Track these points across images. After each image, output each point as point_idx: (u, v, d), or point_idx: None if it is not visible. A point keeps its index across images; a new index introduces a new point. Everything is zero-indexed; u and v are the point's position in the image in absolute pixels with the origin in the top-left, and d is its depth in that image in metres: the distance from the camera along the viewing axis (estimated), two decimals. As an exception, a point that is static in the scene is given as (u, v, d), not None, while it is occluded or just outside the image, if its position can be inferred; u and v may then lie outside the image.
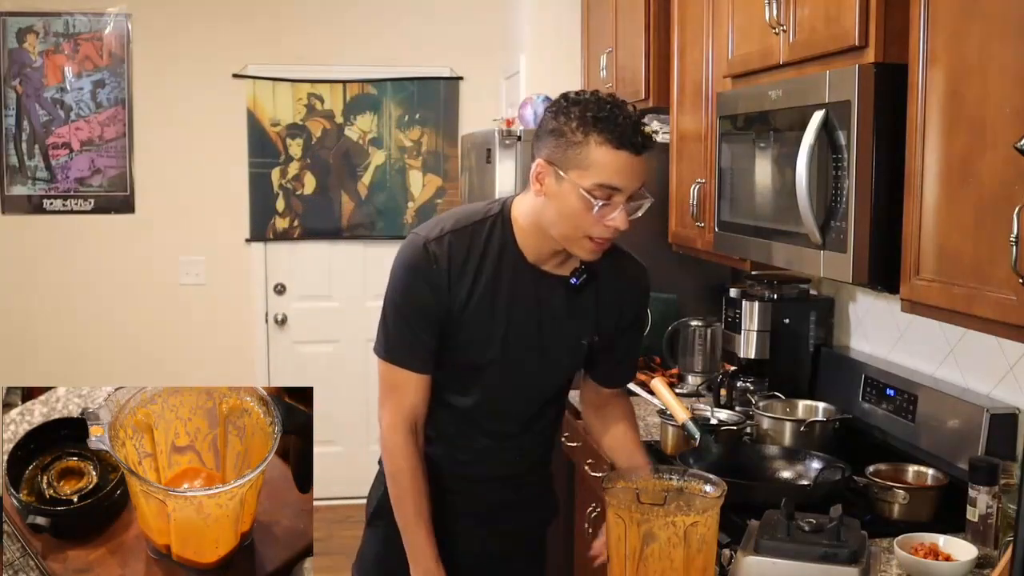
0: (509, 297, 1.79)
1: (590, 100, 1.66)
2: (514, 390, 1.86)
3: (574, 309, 1.84)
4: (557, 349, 1.85)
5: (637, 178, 1.66)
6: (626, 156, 1.62)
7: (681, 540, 1.49)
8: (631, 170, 1.64)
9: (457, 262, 1.76)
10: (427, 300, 1.76)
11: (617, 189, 1.64)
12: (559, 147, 1.66)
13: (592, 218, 1.66)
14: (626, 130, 1.62)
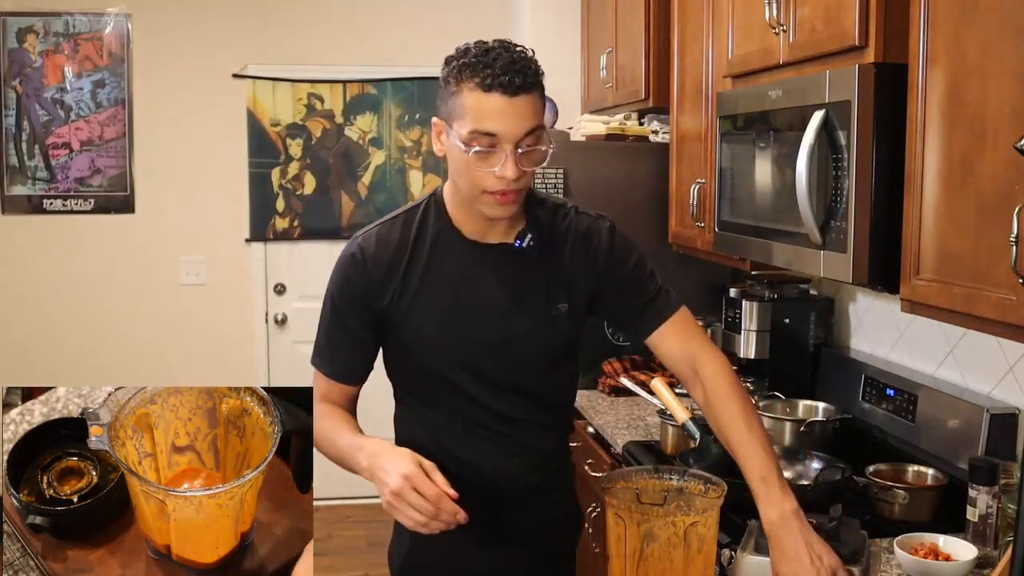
0: (456, 278, 1.71)
1: (469, 47, 1.59)
2: (492, 374, 1.73)
3: (534, 276, 1.73)
4: (526, 320, 1.73)
5: (516, 122, 1.54)
6: (497, 99, 1.53)
7: (681, 540, 1.49)
8: (505, 114, 1.53)
9: (386, 253, 1.71)
10: (356, 301, 1.74)
11: (492, 135, 1.54)
12: (444, 101, 1.61)
13: (479, 170, 1.57)
14: (496, 71, 1.52)
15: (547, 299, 1.74)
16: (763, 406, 2.55)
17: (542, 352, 1.77)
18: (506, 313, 1.72)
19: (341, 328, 1.79)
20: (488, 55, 1.55)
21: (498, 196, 1.60)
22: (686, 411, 2.18)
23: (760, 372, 2.83)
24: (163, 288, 4.69)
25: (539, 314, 1.74)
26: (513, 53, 1.57)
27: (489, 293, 1.72)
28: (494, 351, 1.73)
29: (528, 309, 1.74)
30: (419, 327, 1.72)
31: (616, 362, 3.23)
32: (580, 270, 1.77)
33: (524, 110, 1.55)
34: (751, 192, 2.40)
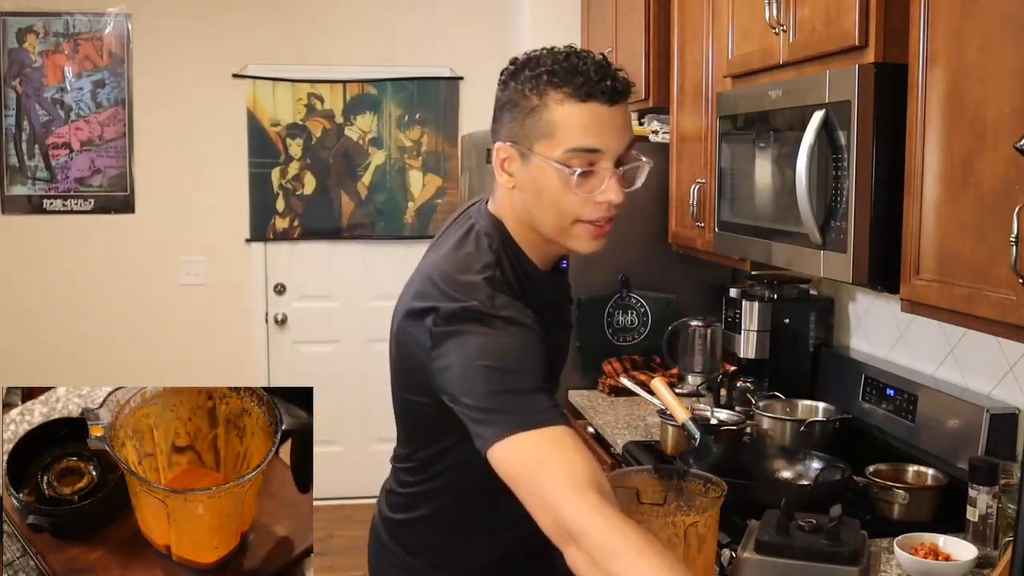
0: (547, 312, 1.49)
1: (541, 55, 1.36)
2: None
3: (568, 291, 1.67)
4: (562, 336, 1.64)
5: (618, 134, 1.34)
6: (596, 108, 1.32)
7: (681, 540, 1.49)
8: (607, 125, 1.33)
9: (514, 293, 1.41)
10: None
11: (596, 151, 1.33)
12: (516, 120, 1.36)
13: (576, 196, 1.34)
14: (590, 77, 1.32)
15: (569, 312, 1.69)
16: (763, 406, 2.55)
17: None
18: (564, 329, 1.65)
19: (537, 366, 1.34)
20: (571, 60, 1.34)
21: (594, 227, 1.38)
22: (686, 411, 2.18)
23: (760, 372, 2.83)
24: (163, 288, 4.69)
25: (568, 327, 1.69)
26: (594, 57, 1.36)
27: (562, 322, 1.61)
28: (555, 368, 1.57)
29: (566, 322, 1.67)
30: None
31: (616, 362, 3.23)
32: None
33: (624, 121, 1.36)
34: (751, 192, 2.40)
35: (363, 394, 4.82)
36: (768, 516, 1.74)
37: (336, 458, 4.71)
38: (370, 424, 4.86)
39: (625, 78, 1.37)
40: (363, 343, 4.87)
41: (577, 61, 1.34)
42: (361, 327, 4.86)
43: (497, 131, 1.42)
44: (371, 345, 4.85)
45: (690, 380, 3.14)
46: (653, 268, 3.34)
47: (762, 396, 2.69)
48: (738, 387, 2.81)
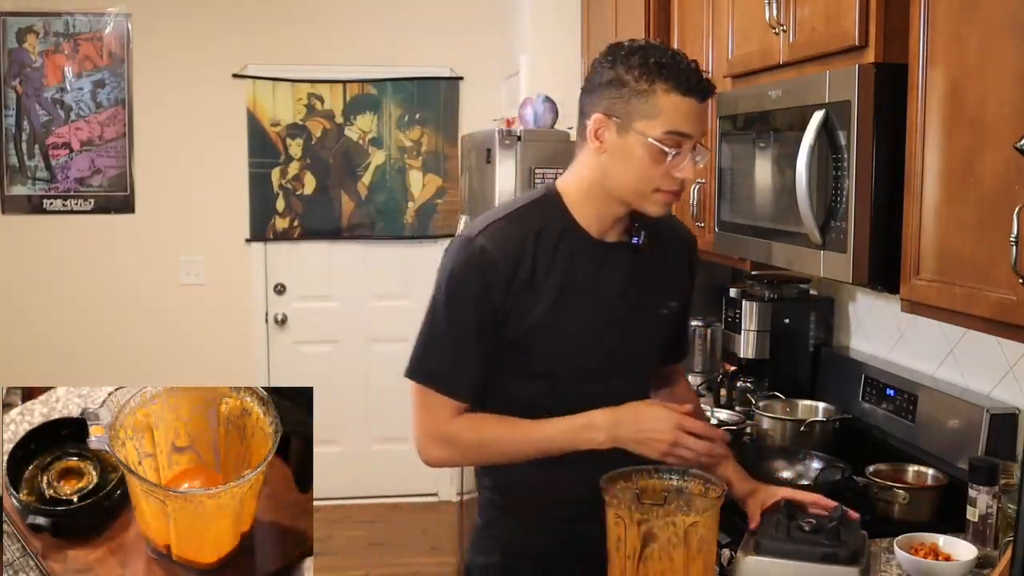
0: (583, 278, 1.67)
1: (649, 47, 1.61)
2: (605, 372, 1.71)
3: (645, 276, 1.74)
4: (644, 323, 1.75)
5: (703, 125, 1.63)
6: (692, 103, 1.59)
7: (681, 540, 1.49)
8: (697, 116, 1.61)
9: (512, 250, 1.62)
10: (484, 303, 1.62)
11: (687, 136, 1.59)
12: (620, 98, 1.59)
13: (661, 169, 1.60)
14: (691, 76, 1.59)
15: (659, 297, 1.78)
16: (763, 406, 2.55)
17: (651, 351, 1.83)
18: (629, 311, 1.73)
19: (463, 337, 1.65)
20: (675, 58, 1.60)
21: (669, 194, 1.64)
22: (686, 411, 2.17)
23: (760, 372, 2.83)
24: (163, 288, 4.69)
25: (653, 313, 1.77)
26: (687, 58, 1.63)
27: (614, 291, 1.71)
28: (613, 349, 1.73)
29: (646, 308, 1.76)
30: (544, 325, 1.65)
31: (616, 362, 3.23)
32: (681, 272, 1.84)
33: (707, 116, 1.65)
34: (751, 192, 2.40)
35: (363, 394, 4.82)
36: (768, 516, 1.74)
37: (336, 458, 4.71)
38: (370, 424, 4.86)
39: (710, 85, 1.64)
40: (363, 343, 4.87)
41: (680, 59, 1.60)
42: (361, 327, 4.86)
43: (594, 103, 1.63)
44: (371, 345, 4.85)
45: (690, 380, 3.14)
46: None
47: (762, 396, 2.69)
48: (738, 387, 2.81)
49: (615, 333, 1.72)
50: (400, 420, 4.88)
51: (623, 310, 1.72)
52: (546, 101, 3.50)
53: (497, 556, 1.78)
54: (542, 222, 1.67)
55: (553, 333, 1.66)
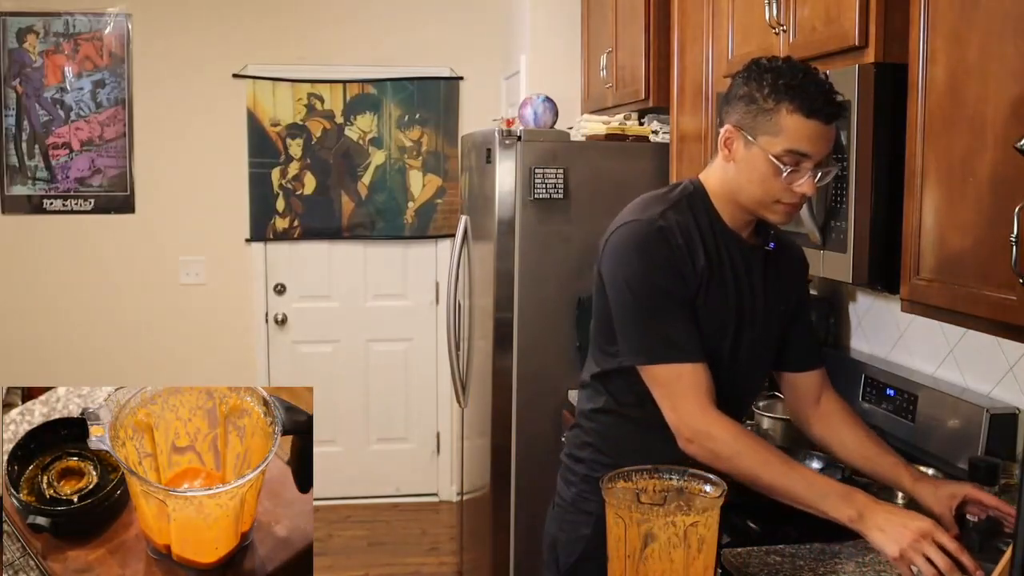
0: (733, 269, 1.77)
1: (783, 67, 1.67)
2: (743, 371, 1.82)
3: (774, 278, 1.84)
4: (770, 320, 1.84)
5: (825, 146, 1.67)
6: (816, 125, 1.63)
7: (681, 540, 1.49)
8: (820, 138, 1.65)
9: (686, 237, 1.72)
10: (677, 282, 1.70)
11: (806, 155, 1.65)
12: (749, 113, 1.67)
13: (781, 183, 1.67)
14: (817, 99, 1.63)
15: (778, 299, 1.86)
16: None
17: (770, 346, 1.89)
18: (764, 312, 1.82)
19: (675, 306, 1.71)
20: (807, 79, 1.64)
21: (790, 206, 1.71)
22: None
23: (760, 372, 2.83)
24: (163, 288, 4.70)
25: (778, 315, 1.87)
26: (822, 80, 1.66)
27: (757, 291, 1.82)
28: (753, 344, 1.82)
29: (775, 310, 1.85)
30: (711, 314, 1.75)
31: (616, 362, 3.23)
32: (794, 281, 1.92)
33: (831, 136, 1.68)
34: (751, 192, 2.40)
35: (363, 394, 4.82)
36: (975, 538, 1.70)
37: (336, 458, 4.71)
38: (370, 424, 4.86)
39: (840, 102, 1.66)
40: (363, 343, 4.87)
41: (809, 81, 1.64)
42: (361, 327, 4.86)
43: (728, 114, 1.72)
44: (371, 345, 4.85)
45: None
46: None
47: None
48: (738, 387, 2.80)
49: (752, 327, 1.81)
50: (400, 420, 4.89)
51: (754, 307, 1.81)
52: (546, 101, 3.50)
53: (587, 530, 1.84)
54: (697, 214, 1.76)
55: (710, 317, 1.75)
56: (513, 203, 3.25)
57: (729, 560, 1.86)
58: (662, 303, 1.70)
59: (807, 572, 1.80)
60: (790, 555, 1.87)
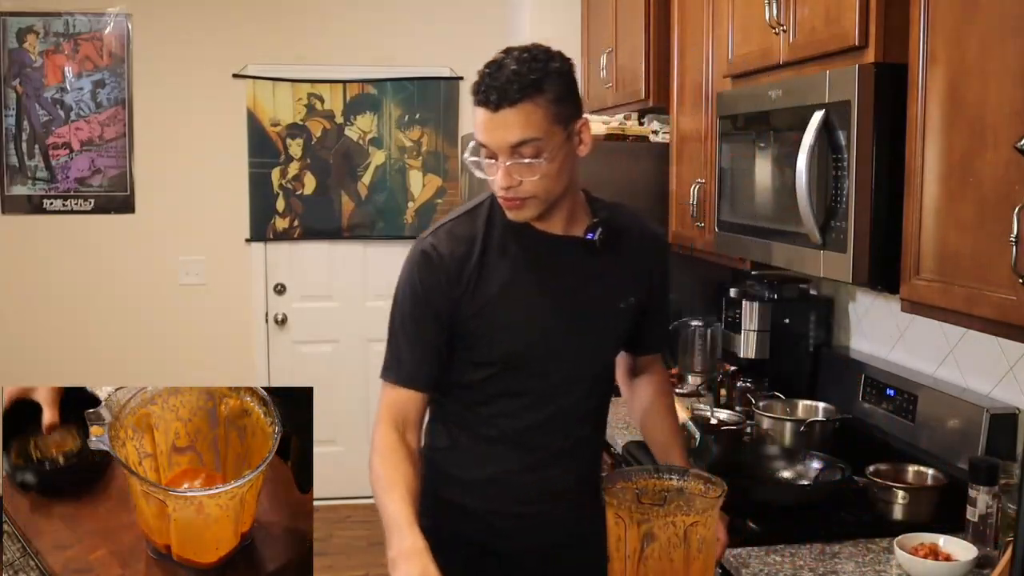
0: (532, 267, 1.73)
1: (492, 61, 1.63)
2: (555, 362, 1.76)
3: (601, 270, 1.78)
4: (594, 313, 1.78)
5: (499, 137, 1.60)
6: (482, 113, 1.60)
7: (681, 540, 1.49)
8: (489, 128, 1.60)
9: (458, 251, 1.71)
10: (438, 299, 1.70)
11: (484, 145, 1.63)
12: None
13: (487, 177, 1.66)
14: (483, 87, 1.60)
15: (616, 292, 1.80)
16: (763, 406, 2.55)
17: (605, 344, 1.84)
18: (580, 304, 1.76)
19: (418, 332, 1.73)
20: (491, 68, 1.61)
21: (504, 201, 1.67)
22: (686, 411, 2.18)
23: (760, 372, 2.83)
24: (163, 288, 4.69)
25: (609, 306, 1.80)
26: (511, 66, 1.59)
27: (565, 282, 1.76)
28: (564, 339, 1.76)
29: (600, 301, 1.78)
30: (487, 316, 1.72)
31: (616, 362, 3.23)
32: (644, 269, 1.85)
33: (508, 124, 1.59)
34: (751, 192, 2.40)
35: (363, 394, 4.81)
36: None
37: (336, 458, 4.71)
38: (370, 424, 4.83)
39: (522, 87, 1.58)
40: (363, 343, 4.87)
41: (491, 70, 1.60)
42: (361, 327, 4.86)
43: None
44: (371, 345, 4.84)
45: (690, 380, 3.14)
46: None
47: (762, 396, 2.69)
48: (738, 387, 2.81)
49: (562, 326, 1.75)
50: (400, 420, 4.88)
51: (573, 303, 1.76)
52: (546, 101, 3.49)
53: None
54: (488, 218, 1.74)
55: (495, 324, 1.72)
56: (513, 203, 3.24)
57: (729, 560, 1.86)
58: (403, 325, 1.73)
59: (807, 572, 1.80)
60: (790, 555, 1.87)
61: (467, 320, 1.72)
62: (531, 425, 1.77)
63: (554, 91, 1.61)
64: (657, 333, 1.97)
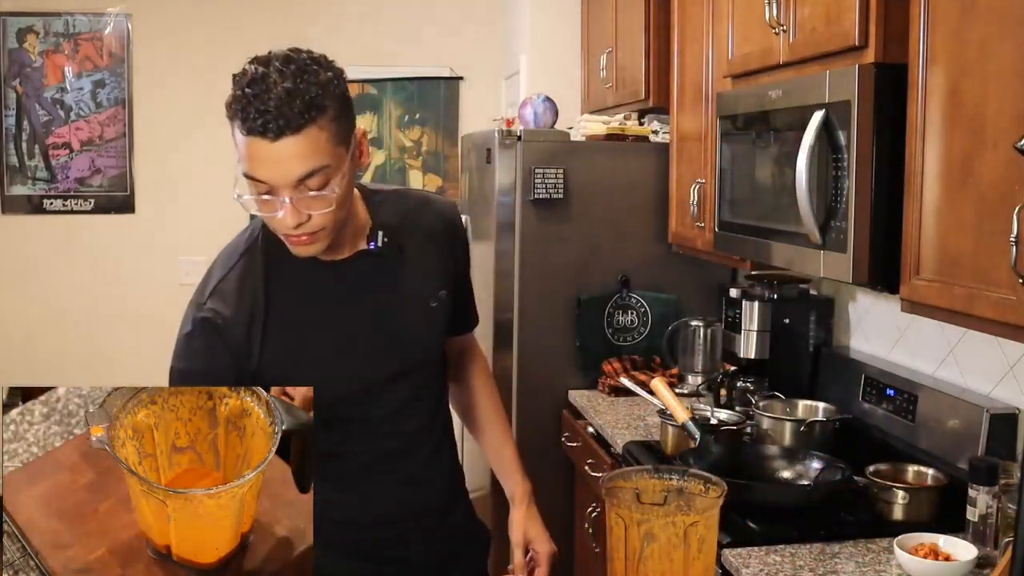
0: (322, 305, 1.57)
1: (246, 71, 1.40)
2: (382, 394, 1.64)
3: (399, 275, 1.62)
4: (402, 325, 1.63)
5: (280, 169, 1.35)
6: (256, 144, 1.35)
7: (681, 540, 1.49)
8: (267, 160, 1.35)
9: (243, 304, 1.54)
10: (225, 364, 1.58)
11: (262, 182, 1.38)
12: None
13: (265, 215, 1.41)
14: (255, 112, 1.34)
15: (424, 291, 1.66)
16: (763, 406, 2.55)
17: (427, 347, 1.70)
18: (387, 317, 1.62)
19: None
20: (255, 86, 1.36)
21: (291, 239, 1.45)
22: (686, 411, 2.18)
23: (760, 372, 2.83)
24: (163, 288, 4.69)
25: (419, 309, 1.65)
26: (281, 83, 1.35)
27: (361, 305, 1.61)
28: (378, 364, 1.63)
29: (407, 307, 1.64)
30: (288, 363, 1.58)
31: (616, 362, 3.24)
32: (447, 254, 1.71)
33: (294, 152, 1.35)
34: (751, 192, 2.40)
35: (363, 394, 4.81)
36: None
37: (336, 458, 4.71)
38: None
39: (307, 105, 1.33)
40: (363, 343, 4.86)
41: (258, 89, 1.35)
42: (361, 327, 4.85)
43: None
44: (371, 345, 4.84)
45: (690, 380, 3.14)
46: (653, 268, 3.34)
47: (762, 396, 2.69)
48: (738, 387, 2.81)
49: (375, 349, 1.61)
50: (400, 420, 4.88)
51: (376, 322, 1.61)
52: (546, 101, 3.50)
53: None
54: (268, 258, 1.55)
55: (299, 368, 1.57)
56: (513, 203, 3.25)
57: (729, 560, 1.86)
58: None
59: (807, 572, 1.80)
60: (790, 555, 1.87)
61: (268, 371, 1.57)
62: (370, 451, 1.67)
63: (334, 108, 1.37)
64: (467, 313, 1.83)
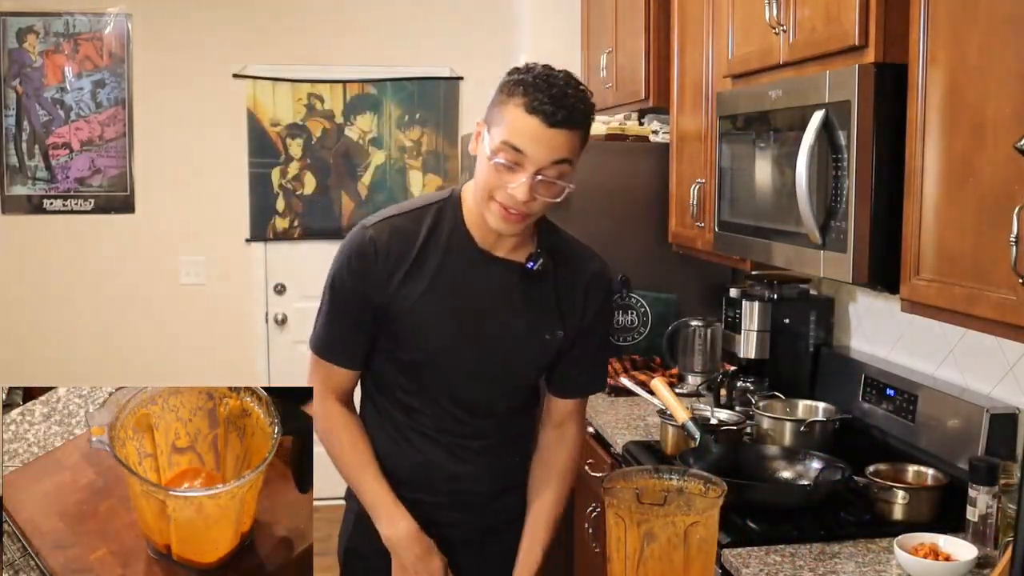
0: (457, 283, 1.73)
1: (533, 69, 1.64)
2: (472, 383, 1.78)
3: (533, 299, 1.77)
4: (516, 340, 1.78)
5: (545, 151, 1.60)
6: (536, 123, 1.58)
7: (681, 540, 1.49)
8: (538, 139, 1.59)
9: (396, 248, 1.73)
10: (360, 290, 1.74)
11: (520, 152, 1.60)
12: (492, 105, 1.67)
13: (496, 179, 1.63)
14: (545, 99, 1.58)
15: (545, 323, 1.79)
16: (763, 406, 2.55)
17: (526, 376, 1.85)
18: (503, 327, 1.76)
19: (343, 312, 1.78)
20: (547, 81, 1.60)
21: (503, 210, 1.65)
22: (686, 411, 2.18)
23: (760, 372, 2.83)
24: (163, 288, 4.69)
25: (535, 339, 1.79)
26: (570, 88, 1.61)
27: (490, 305, 1.76)
28: (481, 360, 1.77)
29: (525, 332, 1.78)
30: (417, 323, 1.73)
31: (616, 362, 3.23)
32: (577, 306, 1.82)
33: (558, 143, 1.60)
34: (751, 192, 2.40)
35: (363, 394, 4.81)
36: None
37: (336, 458, 4.72)
38: (370, 424, 4.86)
39: (581, 112, 1.62)
40: (363, 343, 4.86)
41: (549, 84, 1.60)
42: (361, 327, 4.85)
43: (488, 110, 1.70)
44: (371, 345, 4.84)
45: (690, 380, 3.14)
46: (653, 268, 3.34)
47: (762, 396, 2.69)
48: (738, 387, 2.81)
49: (480, 344, 1.76)
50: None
51: (494, 324, 1.76)
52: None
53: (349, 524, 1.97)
54: (435, 222, 1.76)
55: (415, 327, 1.74)
56: (513, 203, 3.24)
57: (729, 560, 1.86)
58: (336, 305, 1.79)
59: (807, 572, 1.80)
60: (790, 555, 1.87)
61: (385, 316, 1.74)
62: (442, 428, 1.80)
63: (587, 127, 1.67)
64: (581, 378, 1.90)
